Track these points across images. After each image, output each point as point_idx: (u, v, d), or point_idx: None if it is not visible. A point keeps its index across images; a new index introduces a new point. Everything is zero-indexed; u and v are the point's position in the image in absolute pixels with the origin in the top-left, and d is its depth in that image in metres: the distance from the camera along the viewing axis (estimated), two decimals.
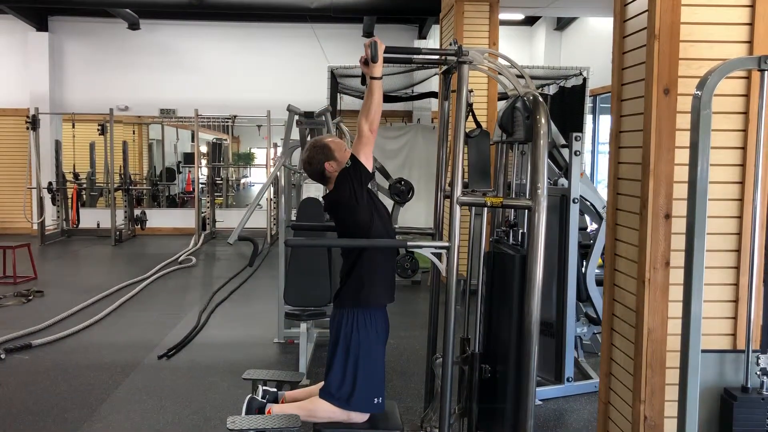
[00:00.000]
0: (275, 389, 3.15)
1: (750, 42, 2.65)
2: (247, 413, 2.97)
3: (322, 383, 2.98)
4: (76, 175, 11.55)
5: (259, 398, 3.07)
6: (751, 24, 2.64)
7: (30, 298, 6.60)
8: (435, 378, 3.13)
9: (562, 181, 4.36)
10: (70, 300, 6.41)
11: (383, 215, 2.90)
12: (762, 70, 2.21)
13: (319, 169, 2.89)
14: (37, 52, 11.41)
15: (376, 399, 2.86)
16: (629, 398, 2.84)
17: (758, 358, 2.33)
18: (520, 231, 2.89)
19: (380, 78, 2.68)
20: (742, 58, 2.43)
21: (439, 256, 2.67)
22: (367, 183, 2.79)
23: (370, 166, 2.78)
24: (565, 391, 4.20)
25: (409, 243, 2.80)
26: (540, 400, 4.10)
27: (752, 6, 2.64)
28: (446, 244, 2.60)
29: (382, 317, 2.91)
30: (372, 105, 2.68)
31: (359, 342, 2.83)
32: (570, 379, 4.21)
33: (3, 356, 4.77)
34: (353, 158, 2.76)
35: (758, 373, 2.34)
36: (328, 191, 2.95)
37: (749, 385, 2.34)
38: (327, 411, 2.87)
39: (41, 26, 11.43)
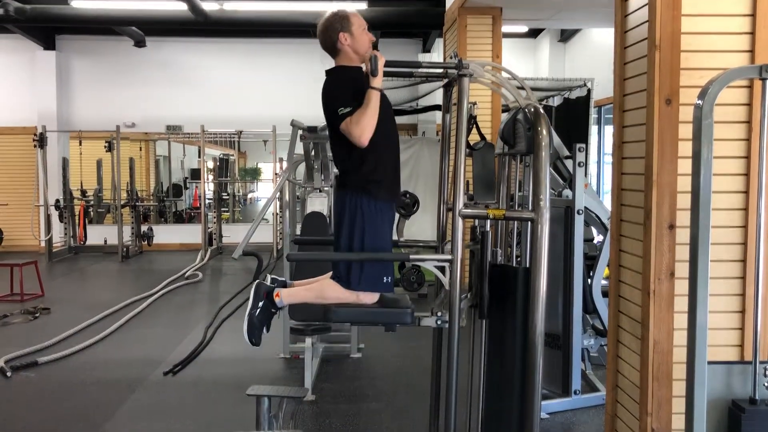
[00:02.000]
0: (284, 278, 3.06)
1: (751, 51, 2.64)
2: (254, 298, 2.84)
3: (330, 272, 2.90)
4: (83, 192, 11.61)
5: (268, 283, 2.97)
6: (752, 33, 2.64)
7: (37, 315, 6.61)
8: None
9: (567, 192, 4.34)
10: (76, 317, 6.41)
11: (389, 131, 2.83)
12: (763, 79, 2.20)
13: (332, 38, 2.79)
14: (44, 71, 11.51)
15: (385, 278, 2.78)
16: (636, 411, 2.81)
17: (765, 369, 2.30)
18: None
19: (379, 89, 2.66)
20: (743, 68, 2.43)
21: (442, 269, 2.66)
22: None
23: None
24: (572, 404, 4.17)
25: (411, 256, 2.79)
26: (547, 414, 4.06)
27: (753, 15, 2.63)
28: (449, 257, 2.59)
29: (387, 207, 2.84)
30: (366, 114, 2.61)
31: (364, 220, 2.74)
32: (577, 392, 4.17)
33: (9, 374, 4.77)
34: (340, 118, 2.66)
35: (766, 384, 2.31)
36: (334, 65, 2.86)
37: (757, 397, 2.31)
38: (336, 291, 2.79)
39: (48, 45, 11.54)
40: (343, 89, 2.74)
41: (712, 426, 2.34)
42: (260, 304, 2.83)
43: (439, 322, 2.75)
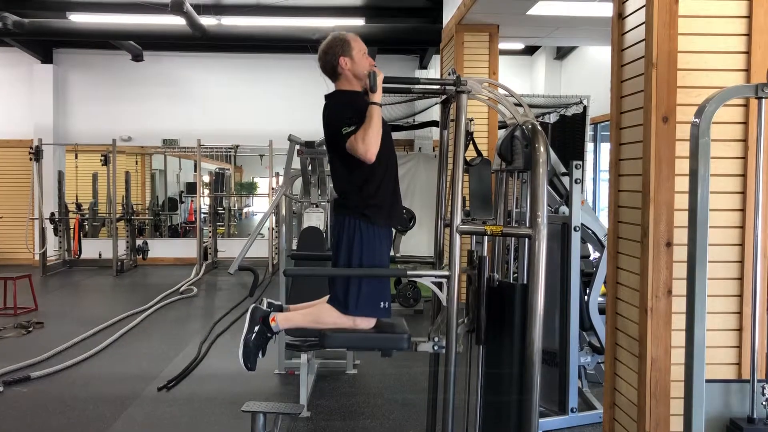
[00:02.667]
0: (280, 302, 3.06)
1: (747, 70, 2.66)
2: (250, 323, 2.83)
3: (327, 297, 2.90)
4: (78, 206, 11.57)
5: (264, 308, 2.96)
6: (748, 53, 2.66)
7: (30, 329, 6.56)
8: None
9: (563, 209, 4.35)
10: (70, 331, 6.37)
11: (389, 154, 2.84)
12: (759, 98, 2.21)
13: (332, 63, 2.83)
14: (41, 84, 11.51)
15: (382, 303, 2.78)
16: (634, 429, 2.80)
17: (764, 387, 2.30)
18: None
19: (379, 104, 2.68)
20: (739, 86, 2.44)
21: (440, 285, 2.65)
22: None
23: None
24: (569, 422, 4.14)
25: (409, 272, 2.79)
26: None
27: (749, 35, 2.66)
28: (446, 273, 2.58)
29: (385, 232, 2.85)
30: (370, 130, 2.63)
31: (362, 244, 2.75)
32: (574, 410, 4.15)
33: (1, 388, 4.72)
34: (345, 138, 2.68)
35: (764, 403, 2.30)
36: (334, 90, 2.89)
37: (755, 416, 2.30)
38: (333, 317, 2.79)
39: (46, 59, 11.55)
40: (344, 110, 2.77)
41: None
42: (256, 328, 2.83)
43: (436, 348, 2.76)
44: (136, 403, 4.54)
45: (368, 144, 2.63)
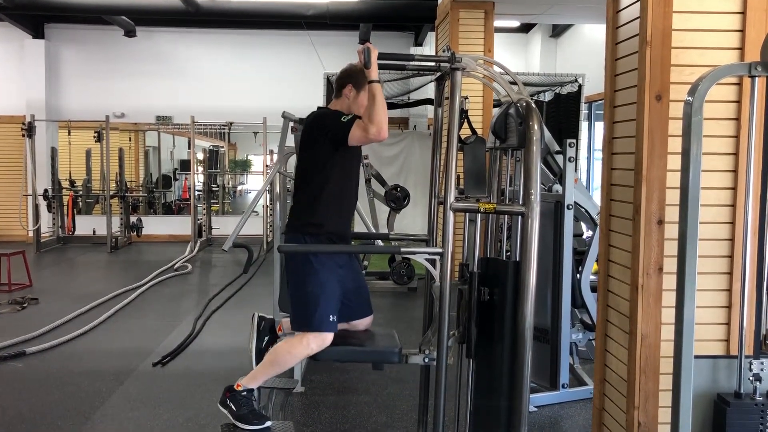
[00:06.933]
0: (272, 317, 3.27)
1: (741, 49, 2.66)
2: (224, 407, 3.00)
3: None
4: (72, 183, 11.54)
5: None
6: (742, 31, 2.65)
7: (25, 305, 6.58)
8: (434, 302, 3.11)
9: (557, 187, 4.37)
10: (64, 307, 6.39)
11: (350, 176, 3.02)
12: (752, 77, 2.22)
13: (343, 83, 2.99)
14: (33, 60, 11.42)
15: (330, 316, 2.84)
16: (623, 404, 2.84)
17: (751, 363, 2.34)
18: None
19: (379, 81, 2.70)
20: (732, 65, 2.45)
21: (433, 262, 2.67)
22: (335, 146, 2.85)
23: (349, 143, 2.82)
24: (560, 397, 4.20)
25: (402, 249, 2.81)
26: (535, 407, 4.09)
27: (743, 13, 2.65)
28: (439, 250, 2.60)
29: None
30: (376, 108, 2.69)
31: (303, 264, 2.86)
32: (565, 386, 4.20)
33: None
34: (346, 127, 2.78)
35: (751, 378, 2.34)
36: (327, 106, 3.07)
37: (742, 391, 2.35)
38: (285, 347, 2.91)
39: (37, 33, 11.44)
40: (338, 113, 2.92)
41: (697, 419, 2.37)
42: (232, 405, 2.98)
43: (426, 360, 2.81)
44: (131, 378, 4.57)
45: (379, 123, 2.69)
